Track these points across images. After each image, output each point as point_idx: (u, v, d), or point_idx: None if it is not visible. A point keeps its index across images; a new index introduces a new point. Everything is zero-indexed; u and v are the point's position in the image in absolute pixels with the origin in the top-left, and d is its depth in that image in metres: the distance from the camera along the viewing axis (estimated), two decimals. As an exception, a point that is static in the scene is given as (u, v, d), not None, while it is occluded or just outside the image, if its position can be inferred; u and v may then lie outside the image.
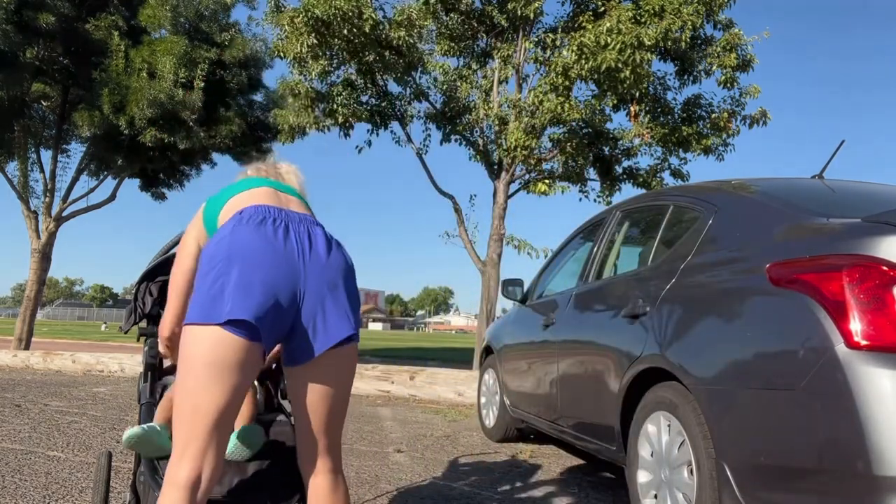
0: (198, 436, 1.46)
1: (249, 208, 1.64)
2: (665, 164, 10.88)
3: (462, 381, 7.45)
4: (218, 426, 1.48)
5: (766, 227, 2.37)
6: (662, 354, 2.55)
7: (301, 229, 1.61)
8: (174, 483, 1.44)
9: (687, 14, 8.40)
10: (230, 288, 1.48)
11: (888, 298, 1.81)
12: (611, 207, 4.09)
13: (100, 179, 14.25)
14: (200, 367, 1.46)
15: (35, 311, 13.64)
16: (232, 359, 1.47)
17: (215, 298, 1.47)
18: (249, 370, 1.51)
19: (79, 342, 23.16)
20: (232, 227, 1.57)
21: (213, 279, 1.49)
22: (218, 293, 1.48)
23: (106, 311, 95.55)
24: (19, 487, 3.12)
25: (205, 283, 1.51)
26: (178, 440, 1.47)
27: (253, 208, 1.63)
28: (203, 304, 1.48)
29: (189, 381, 1.47)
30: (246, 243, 1.52)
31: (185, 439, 1.46)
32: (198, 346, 1.46)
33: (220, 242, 1.55)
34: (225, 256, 1.51)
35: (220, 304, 1.47)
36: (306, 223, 1.65)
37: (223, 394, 1.47)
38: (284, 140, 10.42)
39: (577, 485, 3.71)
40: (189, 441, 1.46)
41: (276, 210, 1.64)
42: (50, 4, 11.18)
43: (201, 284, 1.52)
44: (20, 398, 6.23)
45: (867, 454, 1.71)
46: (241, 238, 1.54)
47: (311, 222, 1.67)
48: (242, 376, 1.50)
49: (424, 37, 10.31)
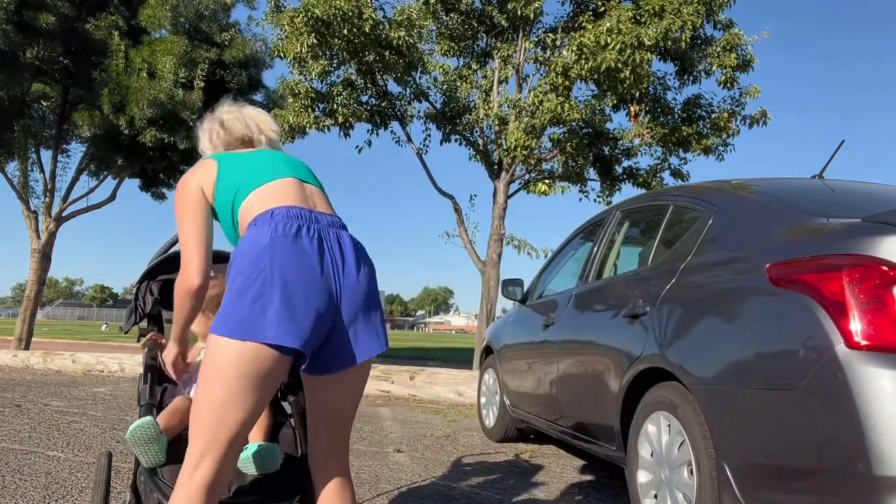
0: (220, 444, 1.48)
1: (281, 211, 1.61)
2: (665, 164, 10.89)
3: (462, 381, 7.45)
4: (240, 436, 1.51)
5: (766, 227, 2.37)
6: (662, 354, 2.55)
7: (332, 239, 1.61)
8: (189, 487, 1.46)
9: (687, 14, 8.40)
10: (275, 308, 1.48)
11: (888, 298, 1.81)
12: (611, 207, 4.09)
13: (100, 179, 14.26)
14: (233, 379, 1.47)
15: (35, 311, 13.65)
16: (265, 373, 1.49)
17: (256, 316, 1.47)
18: (277, 383, 1.54)
19: (79, 342, 23.17)
20: (271, 239, 1.54)
21: (256, 296, 1.49)
22: (259, 312, 1.48)
23: (106, 311, 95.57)
24: (19, 487, 3.12)
25: (244, 296, 1.49)
26: (197, 446, 1.48)
27: (285, 212, 1.60)
28: (242, 320, 1.48)
29: (218, 391, 1.48)
30: (287, 263, 1.52)
31: (205, 446, 1.48)
32: (232, 359, 1.47)
33: (260, 256, 1.52)
34: (268, 275, 1.50)
35: (261, 322, 1.47)
36: (335, 229, 1.65)
37: (252, 406, 1.50)
38: (284, 140, 10.42)
39: (577, 485, 3.71)
40: (209, 448, 1.48)
41: (307, 215, 1.62)
42: (50, 4, 11.18)
43: (239, 297, 1.50)
44: (20, 398, 6.23)
45: (867, 454, 1.71)
46: (282, 256, 1.52)
47: (338, 226, 1.67)
48: (271, 389, 1.53)
49: (424, 37, 10.31)
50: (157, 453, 1.80)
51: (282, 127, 10.11)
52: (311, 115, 9.93)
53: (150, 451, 1.79)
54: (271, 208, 1.62)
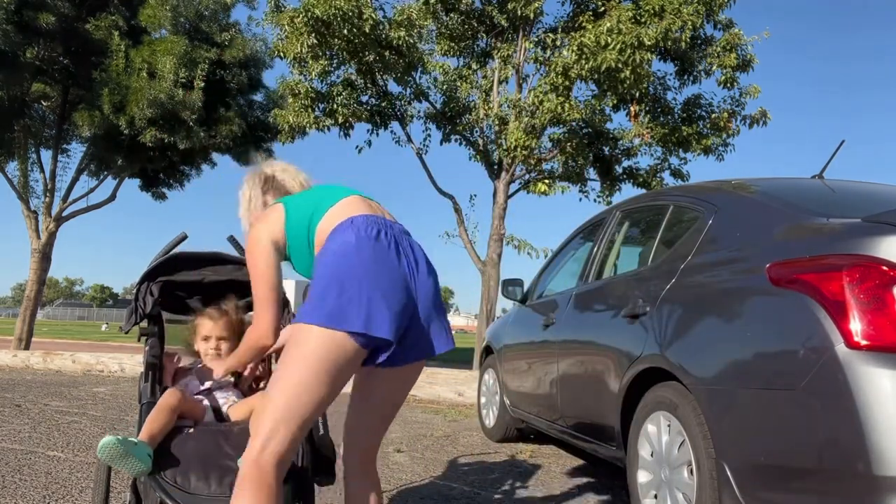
0: (294, 422, 1.57)
1: (360, 218, 1.71)
2: (665, 164, 10.90)
3: (462, 381, 7.45)
4: (312, 418, 1.60)
5: (766, 227, 2.37)
6: (662, 354, 2.55)
7: (404, 243, 1.74)
8: (262, 458, 1.54)
9: (687, 14, 8.40)
10: (364, 301, 1.59)
11: (888, 298, 1.81)
12: (611, 207, 4.09)
13: (100, 179, 14.26)
14: (317, 363, 1.57)
15: (35, 311, 13.65)
16: (344, 362, 1.60)
17: (345, 308, 1.58)
18: (350, 375, 1.67)
19: (79, 342, 23.17)
20: (356, 238, 1.65)
21: (345, 289, 1.59)
22: (348, 304, 1.58)
23: (106, 311, 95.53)
24: (19, 487, 3.12)
25: (334, 289, 1.59)
26: (272, 421, 1.57)
27: (363, 218, 1.71)
28: (332, 310, 1.58)
29: (302, 373, 1.57)
30: (373, 260, 1.63)
31: (280, 422, 1.56)
32: (319, 346, 1.57)
33: (349, 253, 1.63)
34: (357, 271, 1.61)
35: (350, 314, 1.58)
36: (404, 234, 1.78)
37: (327, 392, 1.60)
38: (284, 140, 10.43)
39: (577, 485, 3.71)
40: (284, 424, 1.56)
41: (382, 220, 1.74)
42: (50, 4, 11.19)
43: (329, 290, 1.59)
44: (20, 398, 6.23)
45: (867, 454, 1.71)
46: (368, 253, 1.64)
47: (405, 232, 1.80)
48: (345, 380, 1.64)
49: (424, 37, 10.31)
50: (136, 463, 1.77)
51: (282, 127, 10.13)
52: (311, 115, 9.94)
53: (129, 465, 1.77)
54: (350, 216, 1.73)
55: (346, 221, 1.71)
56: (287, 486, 1.87)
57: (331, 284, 1.60)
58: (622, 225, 3.76)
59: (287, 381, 1.58)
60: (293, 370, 1.58)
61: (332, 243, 1.67)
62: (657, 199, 3.41)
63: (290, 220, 1.82)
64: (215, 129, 12.61)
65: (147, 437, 1.85)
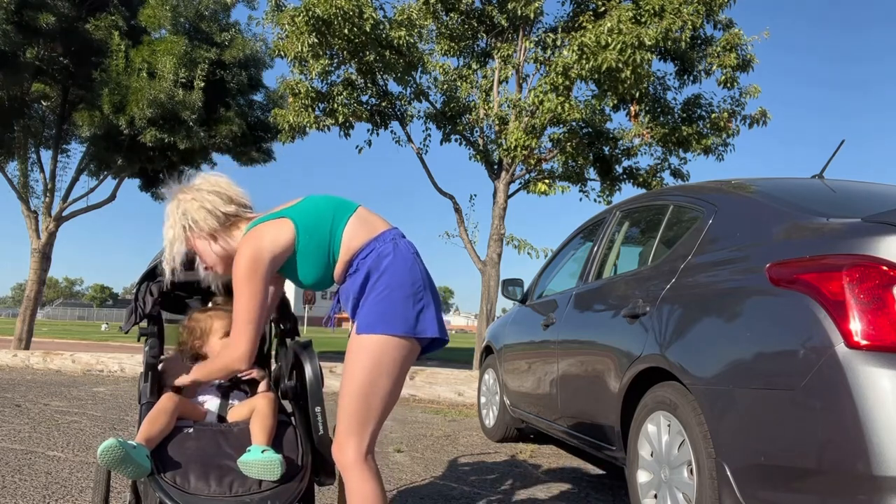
0: (379, 421, 1.81)
1: (386, 234, 1.90)
2: (665, 164, 10.89)
3: (462, 381, 7.45)
4: (387, 414, 1.85)
5: (766, 227, 2.37)
6: (662, 354, 2.55)
7: (412, 249, 1.94)
8: (360, 453, 1.77)
9: (687, 14, 8.40)
10: (431, 310, 1.85)
11: (888, 298, 1.81)
12: (611, 207, 4.09)
13: (100, 179, 14.25)
14: (397, 370, 1.81)
15: (35, 311, 13.64)
16: (410, 362, 1.87)
17: (418, 317, 1.82)
18: None
19: (79, 342, 23.17)
20: (405, 254, 1.87)
21: (416, 301, 1.82)
22: (420, 313, 1.82)
23: (106, 311, 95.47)
24: (19, 487, 3.12)
25: (407, 302, 1.81)
26: (355, 423, 1.78)
27: (392, 234, 1.91)
28: (409, 320, 1.80)
29: (384, 379, 1.80)
30: (424, 273, 1.89)
31: (363, 423, 1.78)
32: (397, 354, 1.80)
33: (412, 268, 1.86)
34: (421, 283, 1.85)
35: (422, 321, 1.83)
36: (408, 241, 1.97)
37: (398, 389, 1.84)
38: (284, 140, 10.42)
39: (577, 485, 3.71)
40: (371, 424, 1.79)
41: (397, 234, 1.94)
42: (50, 4, 11.18)
43: (403, 302, 1.81)
44: (20, 398, 6.23)
45: (867, 454, 1.71)
46: (419, 267, 1.89)
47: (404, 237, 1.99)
48: None
49: (424, 37, 10.31)
50: (136, 468, 1.76)
51: (282, 126, 10.12)
52: (312, 115, 9.93)
53: (127, 469, 1.75)
54: (381, 233, 1.90)
55: (385, 236, 1.89)
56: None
57: (404, 297, 1.81)
58: (622, 225, 3.76)
59: (375, 387, 1.79)
60: (379, 376, 1.79)
61: (393, 259, 1.84)
62: (657, 198, 3.41)
63: (303, 234, 1.85)
64: (215, 129, 12.60)
65: (144, 439, 1.84)
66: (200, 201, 1.96)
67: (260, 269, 1.80)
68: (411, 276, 1.84)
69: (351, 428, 1.78)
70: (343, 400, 1.81)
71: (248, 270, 1.79)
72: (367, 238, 1.87)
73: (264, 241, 1.81)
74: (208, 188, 2.00)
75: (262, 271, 1.80)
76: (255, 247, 1.81)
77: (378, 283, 1.82)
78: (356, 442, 1.78)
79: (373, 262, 1.83)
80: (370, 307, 1.80)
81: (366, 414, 1.79)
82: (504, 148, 9.63)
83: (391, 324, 1.79)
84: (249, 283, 1.79)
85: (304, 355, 2.07)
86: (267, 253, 1.81)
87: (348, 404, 1.80)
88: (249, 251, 1.80)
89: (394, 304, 1.79)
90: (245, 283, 1.79)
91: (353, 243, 1.87)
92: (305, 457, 1.97)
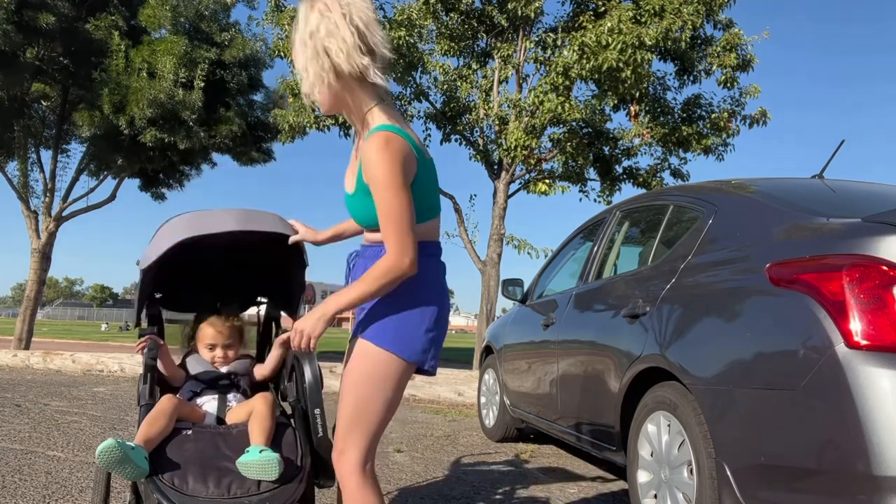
0: (378, 435, 1.77)
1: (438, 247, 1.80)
2: (665, 164, 10.89)
3: (462, 381, 7.44)
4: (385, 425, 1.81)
5: (766, 227, 2.36)
6: (662, 354, 2.55)
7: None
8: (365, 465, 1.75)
9: (687, 14, 8.40)
10: (438, 345, 1.78)
11: (888, 298, 1.81)
12: (611, 207, 4.09)
13: (100, 179, 14.26)
14: (399, 391, 1.76)
15: (35, 311, 13.65)
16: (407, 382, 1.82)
17: (427, 349, 1.74)
18: None
19: (79, 342, 23.18)
20: (442, 282, 1.79)
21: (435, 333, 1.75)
22: (429, 344, 1.74)
23: (106, 311, 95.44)
24: (19, 487, 3.12)
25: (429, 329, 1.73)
26: (362, 439, 1.75)
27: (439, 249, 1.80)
28: (423, 348, 1.73)
29: (391, 398, 1.75)
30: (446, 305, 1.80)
31: (370, 439, 1.75)
32: (405, 377, 1.75)
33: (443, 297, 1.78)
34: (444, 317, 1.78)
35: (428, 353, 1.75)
36: None
37: (398, 402, 1.80)
38: (284, 140, 10.42)
39: (576, 485, 3.71)
40: (371, 439, 1.75)
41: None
42: (50, 4, 11.18)
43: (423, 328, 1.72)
44: (20, 398, 6.23)
45: (867, 454, 1.71)
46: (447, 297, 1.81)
47: None
48: None
49: (424, 37, 10.30)
50: (134, 469, 1.76)
51: (282, 126, 10.13)
52: (312, 115, 9.93)
53: (125, 470, 1.76)
54: (437, 241, 1.80)
55: (436, 251, 1.78)
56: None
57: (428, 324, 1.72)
58: (622, 225, 3.76)
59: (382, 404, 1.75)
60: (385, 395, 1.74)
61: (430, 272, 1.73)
62: (657, 198, 3.41)
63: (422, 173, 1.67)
64: (215, 129, 12.61)
65: (143, 440, 1.84)
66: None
67: (408, 172, 1.62)
68: (444, 306, 1.77)
69: (350, 436, 1.75)
70: (343, 411, 1.77)
71: (393, 164, 1.58)
72: (433, 238, 1.76)
73: (403, 148, 1.62)
74: None
75: (408, 179, 1.63)
76: (398, 140, 1.61)
77: (412, 292, 1.69)
78: (355, 451, 1.75)
79: (435, 266, 1.74)
80: (392, 316, 1.69)
81: (366, 424, 1.75)
82: (504, 148, 9.63)
83: (409, 346, 1.71)
84: (396, 182, 1.59)
85: (304, 357, 2.06)
86: (410, 157, 1.63)
87: (348, 414, 1.76)
88: (395, 141, 1.61)
89: (418, 326, 1.71)
90: (389, 181, 1.59)
91: (426, 233, 1.73)
92: (304, 458, 1.97)
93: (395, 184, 1.59)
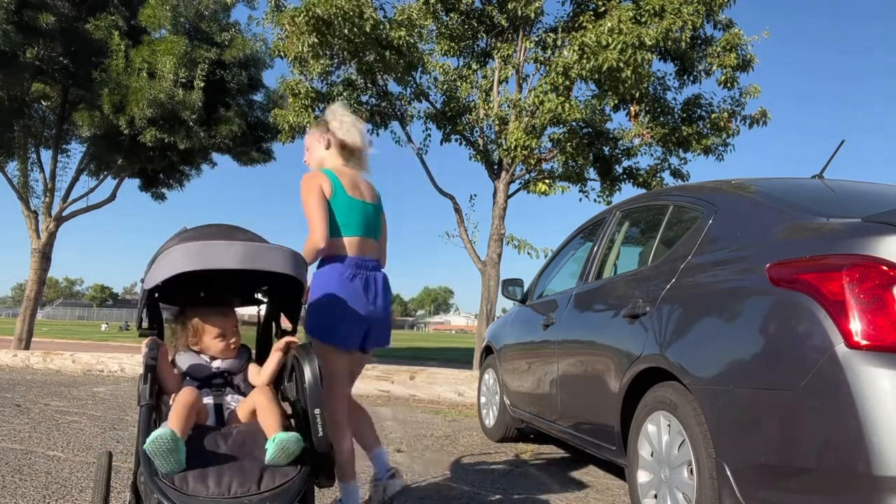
0: None
1: (350, 259, 2.78)
2: (665, 164, 10.88)
3: (462, 381, 7.45)
4: None
5: (766, 227, 2.37)
6: (662, 354, 2.55)
7: (371, 278, 2.80)
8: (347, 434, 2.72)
9: (687, 14, 8.40)
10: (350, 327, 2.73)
11: (888, 298, 1.81)
12: (611, 207, 4.09)
13: (100, 179, 14.26)
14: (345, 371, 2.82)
15: (35, 311, 13.65)
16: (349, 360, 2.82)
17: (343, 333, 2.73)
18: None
19: (79, 342, 23.17)
20: (339, 282, 2.77)
21: (342, 320, 2.72)
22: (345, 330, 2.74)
23: (106, 311, 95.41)
24: (19, 487, 3.12)
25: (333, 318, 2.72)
26: None
27: (351, 260, 2.79)
28: (339, 334, 2.72)
29: None
30: (351, 298, 2.76)
31: None
32: (343, 361, 2.81)
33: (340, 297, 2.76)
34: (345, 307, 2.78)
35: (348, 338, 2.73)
36: (375, 270, 2.84)
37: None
38: (285, 140, 10.41)
39: (577, 485, 3.71)
40: None
41: (361, 262, 2.78)
42: (50, 4, 11.18)
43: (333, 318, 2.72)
44: (20, 398, 6.23)
45: (867, 454, 1.71)
46: (346, 292, 2.78)
47: (377, 268, 2.84)
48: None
49: (424, 37, 10.30)
50: (176, 462, 1.78)
51: (282, 127, 10.12)
52: (312, 115, 9.91)
53: (169, 462, 1.77)
54: (346, 256, 2.74)
55: (343, 261, 2.70)
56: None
57: (333, 315, 2.65)
58: (622, 225, 3.76)
59: None
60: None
61: (329, 279, 2.68)
62: (657, 198, 3.41)
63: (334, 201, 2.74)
64: (215, 129, 12.61)
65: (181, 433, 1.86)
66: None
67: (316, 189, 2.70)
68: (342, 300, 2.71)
69: None
70: None
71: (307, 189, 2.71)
72: (336, 253, 2.77)
73: (320, 178, 2.75)
74: None
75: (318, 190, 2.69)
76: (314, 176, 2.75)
77: (320, 295, 2.73)
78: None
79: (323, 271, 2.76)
80: None
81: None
82: (504, 148, 9.62)
83: (329, 335, 2.74)
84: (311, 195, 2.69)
85: (304, 357, 2.06)
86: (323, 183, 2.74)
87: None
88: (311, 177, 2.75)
89: (330, 321, 2.74)
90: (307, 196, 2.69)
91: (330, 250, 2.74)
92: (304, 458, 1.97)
93: None
